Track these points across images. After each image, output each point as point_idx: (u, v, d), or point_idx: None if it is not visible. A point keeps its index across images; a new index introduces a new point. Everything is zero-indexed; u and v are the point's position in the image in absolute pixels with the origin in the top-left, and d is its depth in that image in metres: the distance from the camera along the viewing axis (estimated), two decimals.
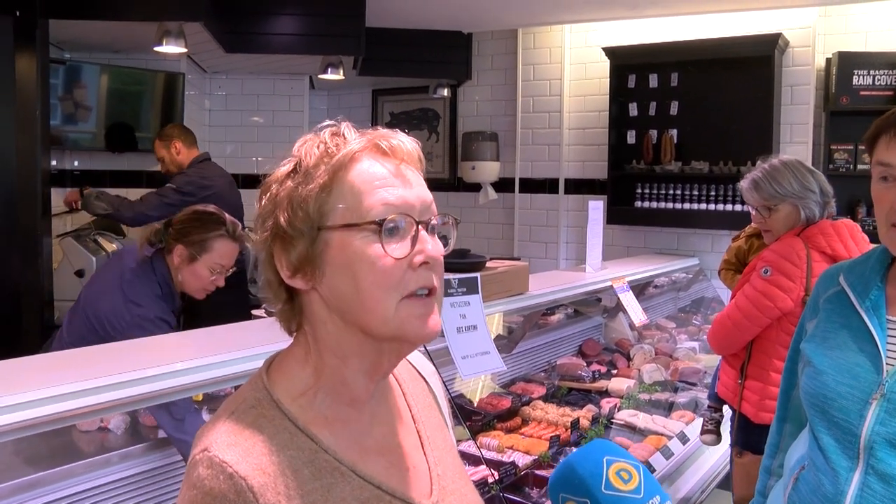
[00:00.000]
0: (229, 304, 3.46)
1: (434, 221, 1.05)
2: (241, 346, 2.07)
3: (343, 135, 1.05)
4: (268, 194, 1.06)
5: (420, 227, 1.02)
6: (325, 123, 1.08)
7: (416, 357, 1.29)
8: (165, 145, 4.81)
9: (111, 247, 4.90)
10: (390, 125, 7.32)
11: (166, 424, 2.40)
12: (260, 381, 1.06)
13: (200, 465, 0.96)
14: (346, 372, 1.05)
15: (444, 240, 1.09)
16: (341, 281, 1.01)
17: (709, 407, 3.40)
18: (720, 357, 3.21)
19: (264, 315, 2.78)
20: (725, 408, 3.27)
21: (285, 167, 1.06)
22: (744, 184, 3.10)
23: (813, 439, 1.63)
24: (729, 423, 3.16)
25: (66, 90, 5.35)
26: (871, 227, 3.42)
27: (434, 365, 1.35)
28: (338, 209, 1.00)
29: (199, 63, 6.06)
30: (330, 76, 5.51)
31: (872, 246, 1.80)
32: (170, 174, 4.83)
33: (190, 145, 4.84)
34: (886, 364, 1.52)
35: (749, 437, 2.88)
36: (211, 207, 3.03)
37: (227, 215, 2.99)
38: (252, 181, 6.33)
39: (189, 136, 4.88)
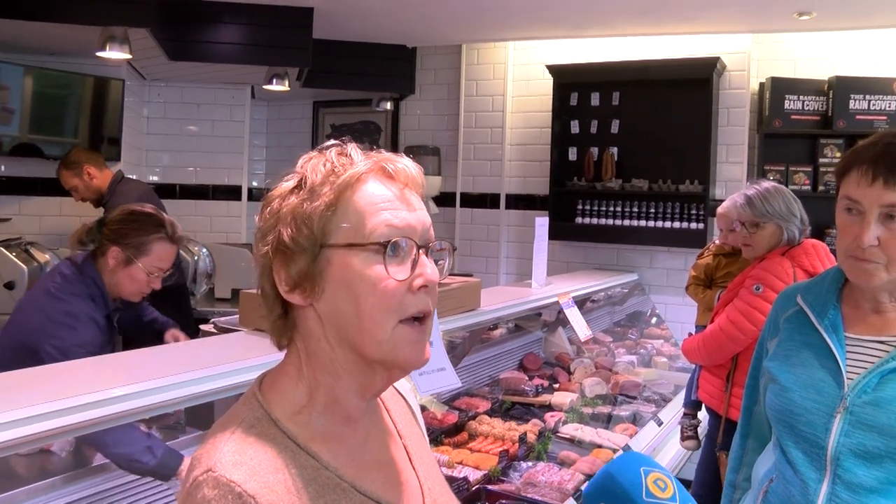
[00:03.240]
0: (172, 319, 3.37)
1: (433, 245, 1.07)
2: (191, 367, 2.00)
3: (350, 155, 1.07)
4: (269, 208, 1.07)
5: (421, 250, 1.04)
6: (329, 143, 1.09)
7: None
8: (76, 173, 4.64)
9: (43, 257, 4.73)
10: (331, 138, 7.24)
11: (99, 438, 2.29)
12: (255, 399, 1.06)
13: (205, 485, 0.95)
14: (338, 390, 1.06)
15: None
16: (340, 300, 1.02)
17: (685, 414, 3.72)
18: (696, 366, 3.52)
19: (214, 331, 2.70)
20: (700, 414, 3.61)
21: (289, 182, 1.07)
22: (737, 199, 3.32)
23: (781, 453, 1.72)
24: (707, 427, 3.42)
25: None
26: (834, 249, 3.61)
27: (411, 381, 1.36)
28: (341, 228, 1.02)
29: (138, 70, 5.93)
30: (275, 87, 5.46)
31: None
32: (87, 200, 4.70)
33: (101, 167, 4.71)
34: (847, 379, 1.62)
35: None
36: (148, 208, 2.92)
37: (165, 216, 2.89)
38: (190, 191, 6.32)
39: (97, 157, 4.75)
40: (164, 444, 2.35)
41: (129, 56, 4.54)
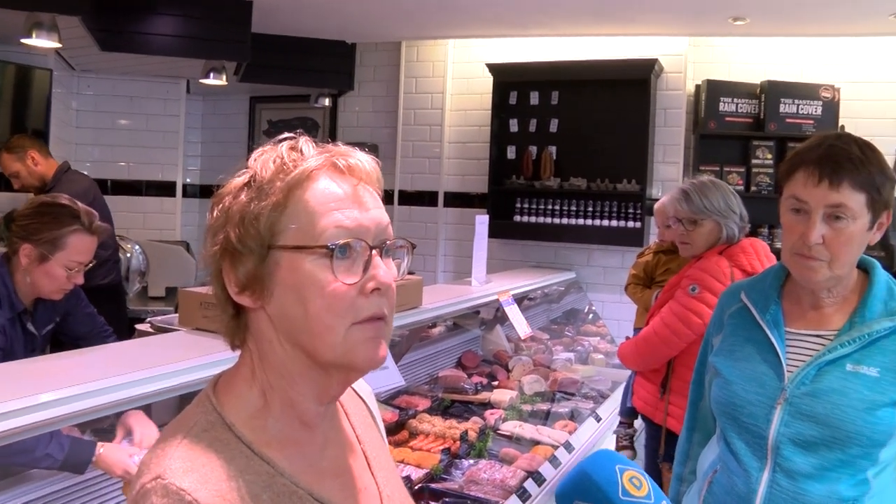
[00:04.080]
0: (106, 319, 3.24)
1: (389, 245, 1.03)
2: (127, 369, 1.91)
3: (301, 150, 1.02)
4: (220, 206, 1.01)
5: (374, 252, 0.99)
6: (283, 136, 1.04)
7: None
8: (19, 158, 4.47)
9: None
10: (268, 133, 7.24)
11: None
12: (209, 402, 1.01)
13: (154, 494, 0.90)
14: (293, 394, 1.02)
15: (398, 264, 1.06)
16: (290, 303, 0.98)
17: (621, 423, 3.49)
18: (632, 372, 3.29)
19: (151, 330, 2.62)
20: (637, 422, 3.36)
21: (239, 179, 1.02)
22: (674, 194, 3.15)
23: (725, 444, 1.79)
24: (645, 437, 3.23)
25: None
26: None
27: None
28: (290, 229, 0.97)
29: (67, 59, 5.73)
30: (212, 81, 5.34)
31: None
32: (29, 188, 4.54)
33: (46, 155, 4.56)
34: (787, 372, 1.70)
35: None
36: (63, 199, 2.72)
37: (80, 205, 2.69)
38: (122, 187, 6.16)
39: (42, 145, 4.61)
40: (70, 437, 2.19)
41: (58, 45, 4.39)
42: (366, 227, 0.99)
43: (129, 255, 5.00)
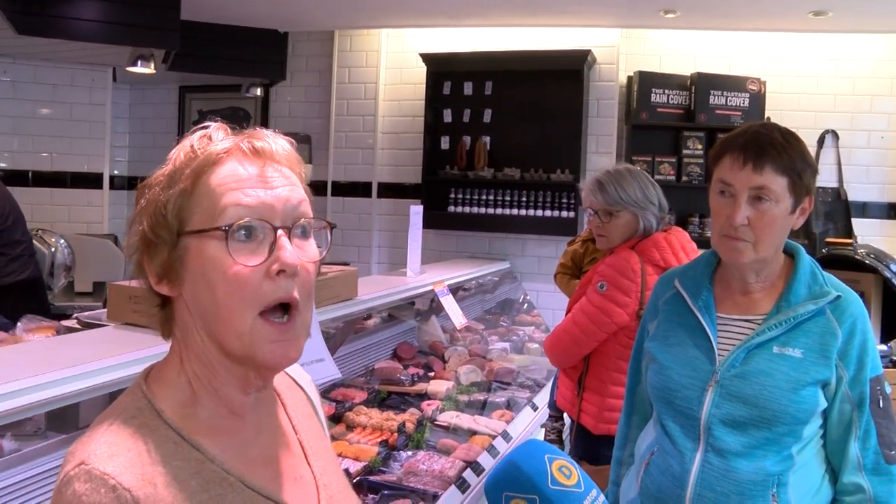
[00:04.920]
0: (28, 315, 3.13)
1: (304, 224, 1.01)
2: (51, 367, 1.83)
3: (210, 137, 1.01)
4: (142, 198, 1.01)
5: (281, 231, 0.97)
6: (201, 125, 1.03)
7: (293, 366, 1.24)
8: None
9: None
10: (199, 124, 7.01)
11: None
12: (139, 390, 1.00)
13: (76, 480, 0.88)
14: (216, 383, 1.01)
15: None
16: (200, 290, 0.97)
17: (550, 416, 3.43)
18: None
19: (77, 326, 2.54)
20: (566, 415, 3.27)
21: (160, 171, 1.01)
22: (587, 185, 3.00)
23: (661, 427, 1.87)
24: (569, 431, 3.19)
25: None
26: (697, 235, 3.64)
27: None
28: (195, 214, 0.97)
29: None
30: (139, 69, 5.16)
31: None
32: None
33: None
34: (718, 355, 1.78)
35: (589, 448, 2.90)
36: None
37: None
38: (45, 179, 5.96)
39: None
40: None
41: None
42: (270, 205, 0.97)
43: (52, 249, 4.82)
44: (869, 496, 1.71)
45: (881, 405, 1.72)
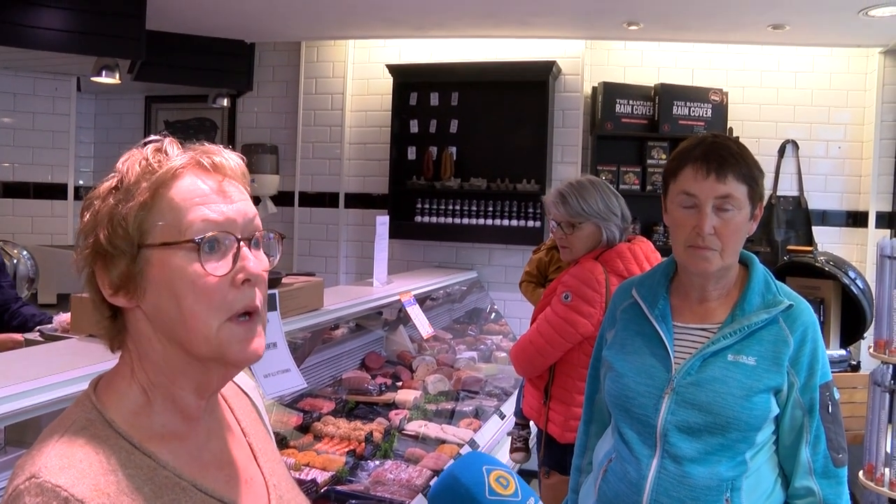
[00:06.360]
0: None
1: (258, 236, 1.05)
2: (10, 380, 1.82)
3: (165, 151, 1.04)
4: (90, 210, 1.03)
5: (242, 243, 1.02)
6: (149, 139, 1.06)
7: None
8: None
9: None
10: (165, 134, 6.94)
11: None
12: (88, 401, 1.02)
13: (27, 494, 0.89)
14: (174, 389, 1.04)
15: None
16: (163, 300, 1.00)
17: (516, 424, 3.43)
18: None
19: (40, 339, 2.53)
20: (532, 424, 3.29)
21: (108, 182, 1.04)
22: (550, 197, 3.03)
23: (618, 434, 1.89)
24: (535, 440, 3.20)
25: None
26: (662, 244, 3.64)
27: (255, 379, 1.34)
28: (157, 227, 0.99)
29: None
30: (104, 79, 5.12)
31: None
32: None
33: None
34: (675, 364, 1.81)
35: (556, 457, 2.93)
36: None
37: None
38: (7, 189, 5.91)
39: None
40: None
41: None
42: (232, 219, 1.02)
43: (15, 260, 4.78)
44: (819, 499, 1.76)
45: (830, 410, 1.77)
